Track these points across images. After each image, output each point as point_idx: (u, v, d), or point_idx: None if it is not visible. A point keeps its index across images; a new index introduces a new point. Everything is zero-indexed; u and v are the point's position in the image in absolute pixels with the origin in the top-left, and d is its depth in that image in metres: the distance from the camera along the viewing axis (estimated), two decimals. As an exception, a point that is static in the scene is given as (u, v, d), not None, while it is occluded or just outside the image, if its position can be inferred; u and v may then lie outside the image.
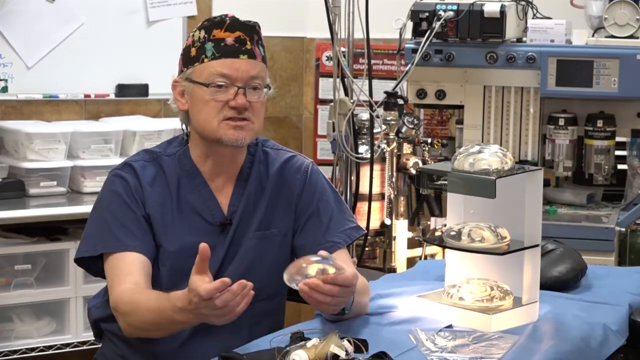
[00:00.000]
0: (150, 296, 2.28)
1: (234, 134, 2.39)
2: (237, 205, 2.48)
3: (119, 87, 4.44)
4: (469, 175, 2.30)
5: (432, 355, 2.11)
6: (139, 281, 2.35)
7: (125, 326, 2.34)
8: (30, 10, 4.20)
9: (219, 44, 2.39)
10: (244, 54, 2.40)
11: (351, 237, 2.54)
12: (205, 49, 2.39)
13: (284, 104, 5.06)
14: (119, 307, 2.32)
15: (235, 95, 2.38)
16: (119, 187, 2.43)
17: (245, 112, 2.39)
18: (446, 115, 4.27)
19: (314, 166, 2.59)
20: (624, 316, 2.48)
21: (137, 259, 2.37)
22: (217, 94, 2.38)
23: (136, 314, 2.28)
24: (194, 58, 2.41)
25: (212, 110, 2.39)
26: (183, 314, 2.15)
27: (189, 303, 2.10)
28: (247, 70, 2.39)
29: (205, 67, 2.39)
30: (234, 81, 2.38)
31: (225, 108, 2.38)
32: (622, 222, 3.67)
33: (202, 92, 2.39)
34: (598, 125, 3.79)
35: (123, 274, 2.35)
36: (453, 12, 3.76)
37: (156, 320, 2.24)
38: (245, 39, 2.40)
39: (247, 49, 2.40)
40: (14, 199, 3.85)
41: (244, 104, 2.38)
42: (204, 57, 2.39)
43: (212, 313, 2.08)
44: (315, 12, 4.18)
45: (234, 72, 2.38)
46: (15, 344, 3.76)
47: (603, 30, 3.79)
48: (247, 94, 2.39)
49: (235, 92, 2.38)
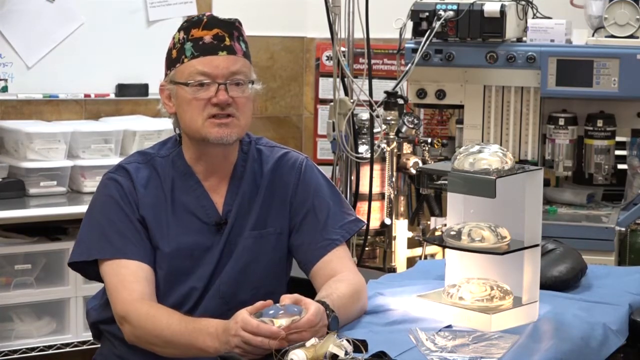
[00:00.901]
0: (173, 315, 2.28)
1: (219, 131, 2.38)
2: (231, 204, 2.47)
3: (119, 87, 4.44)
4: (469, 175, 2.30)
5: (432, 355, 2.11)
6: (147, 291, 2.35)
7: (131, 336, 2.33)
8: (30, 10, 4.20)
9: (197, 43, 2.38)
10: (223, 50, 2.39)
11: (350, 231, 2.53)
12: (185, 49, 2.39)
13: (284, 103, 5.06)
14: (131, 318, 2.31)
15: (217, 92, 2.37)
16: (113, 190, 2.43)
17: (228, 107, 2.38)
18: (446, 115, 4.27)
19: (308, 161, 2.57)
20: (624, 316, 2.48)
21: (139, 268, 2.37)
22: (198, 93, 2.37)
23: (153, 329, 2.27)
24: (175, 59, 2.41)
25: (195, 110, 2.38)
26: (212, 339, 2.17)
27: (224, 330, 2.13)
28: (227, 66, 2.38)
29: (185, 67, 2.39)
30: (214, 78, 2.37)
31: (208, 106, 2.37)
32: (622, 221, 3.67)
33: (184, 92, 2.39)
34: (598, 125, 3.80)
35: (128, 282, 2.35)
36: (453, 12, 3.76)
37: (174, 340, 2.24)
38: (223, 36, 2.39)
39: (226, 45, 2.39)
40: (14, 199, 3.85)
41: (226, 100, 2.37)
42: (183, 58, 2.39)
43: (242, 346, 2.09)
44: (315, 11, 4.18)
45: (214, 69, 2.37)
46: (15, 344, 3.76)
47: (603, 30, 3.79)
48: (229, 89, 2.37)
49: (216, 88, 2.37)
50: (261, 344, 2.07)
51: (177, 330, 2.24)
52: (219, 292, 2.44)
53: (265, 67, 4.88)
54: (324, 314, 2.16)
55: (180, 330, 2.23)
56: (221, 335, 2.15)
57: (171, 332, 2.25)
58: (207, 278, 2.44)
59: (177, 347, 2.25)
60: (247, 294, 2.46)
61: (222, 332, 2.15)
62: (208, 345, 2.18)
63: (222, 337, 2.15)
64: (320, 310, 2.15)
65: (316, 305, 2.15)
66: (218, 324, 2.18)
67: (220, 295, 2.44)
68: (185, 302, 2.42)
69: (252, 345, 2.08)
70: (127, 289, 2.34)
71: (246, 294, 2.46)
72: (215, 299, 2.44)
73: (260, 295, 2.46)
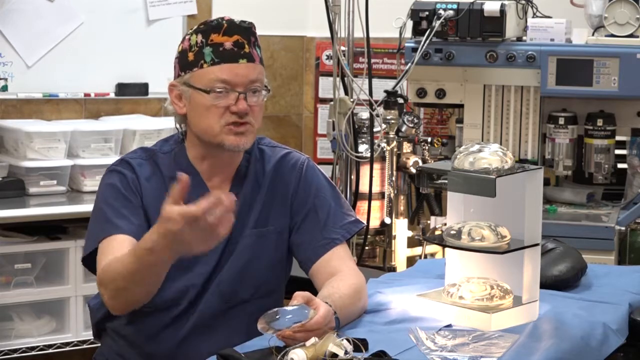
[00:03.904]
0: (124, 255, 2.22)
1: (236, 139, 2.39)
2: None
3: (119, 86, 4.44)
4: (469, 174, 2.30)
5: (432, 354, 2.11)
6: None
7: (108, 299, 2.28)
8: (30, 9, 4.20)
9: (217, 49, 2.38)
10: (243, 57, 2.39)
11: (350, 231, 2.53)
12: (204, 54, 2.38)
13: (284, 102, 5.06)
14: (102, 279, 2.27)
15: (237, 101, 2.37)
16: (116, 180, 2.43)
17: (246, 116, 2.39)
18: (446, 114, 4.28)
19: (309, 162, 2.57)
20: (624, 315, 2.48)
21: (126, 239, 2.33)
22: (218, 100, 2.37)
23: (112, 274, 2.23)
24: (192, 63, 2.40)
25: (213, 117, 2.38)
26: (156, 252, 2.10)
27: (163, 236, 2.06)
28: (247, 75, 2.39)
29: (204, 73, 2.38)
30: (234, 86, 2.38)
31: (227, 113, 2.38)
32: (622, 221, 3.67)
33: (202, 98, 2.38)
34: (598, 124, 3.80)
35: (110, 253, 2.30)
36: (453, 11, 3.76)
37: (131, 272, 2.18)
38: (243, 43, 2.39)
39: (246, 53, 2.39)
40: (14, 198, 3.84)
41: (245, 109, 2.38)
42: (202, 63, 2.38)
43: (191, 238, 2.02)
44: (315, 11, 4.19)
45: (234, 77, 2.37)
46: (15, 343, 3.76)
47: (603, 29, 3.79)
48: (247, 98, 2.39)
49: (236, 97, 2.37)
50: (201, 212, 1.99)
51: (128, 260, 2.18)
52: (219, 290, 2.44)
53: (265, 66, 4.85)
54: (332, 317, 2.16)
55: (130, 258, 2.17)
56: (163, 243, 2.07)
57: (125, 268, 2.18)
58: (207, 276, 2.44)
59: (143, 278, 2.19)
60: (247, 292, 2.46)
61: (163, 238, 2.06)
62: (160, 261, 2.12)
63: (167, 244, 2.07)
64: (329, 314, 2.14)
65: (326, 308, 2.14)
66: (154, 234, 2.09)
67: (221, 293, 2.44)
68: (183, 298, 2.42)
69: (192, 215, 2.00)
70: (107, 258, 2.30)
71: (246, 292, 2.46)
72: (216, 297, 2.44)
73: (260, 293, 2.47)
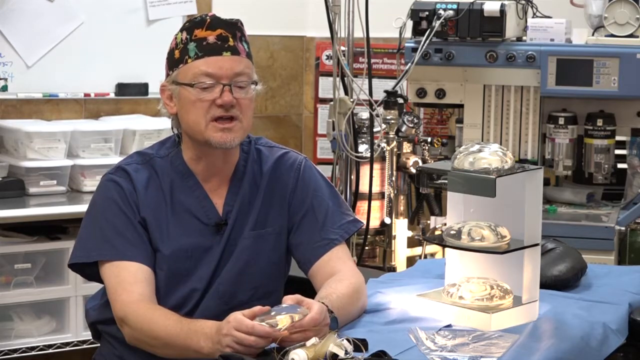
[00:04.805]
0: (170, 317, 2.28)
1: (222, 136, 2.37)
2: (232, 205, 2.47)
3: (119, 86, 4.44)
4: (469, 174, 2.30)
5: (431, 354, 2.11)
6: (146, 293, 2.35)
7: (131, 338, 2.33)
8: (30, 9, 4.20)
9: (201, 43, 2.37)
10: (227, 50, 2.38)
11: (348, 231, 2.53)
12: (188, 50, 2.38)
13: (284, 102, 5.06)
14: (129, 320, 2.31)
15: (222, 93, 2.36)
16: (114, 192, 2.42)
17: (232, 109, 2.37)
18: (446, 114, 4.28)
19: (307, 162, 2.57)
20: (623, 315, 2.48)
21: (139, 269, 2.37)
22: (203, 94, 2.36)
23: (150, 330, 2.27)
24: (178, 60, 2.40)
25: (199, 111, 2.37)
26: (205, 339, 2.16)
27: (217, 331, 2.12)
28: (232, 67, 2.37)
29: (189, 68, 2.38)
30: (218, 79, 2.37)
31: (213, 107, 2.37)
32: (622, 221, 3.67)
33: (188, 93, 2.38)
34: (598, 124, 3.80)
35: (127, 284, 2.34)
36: (453, 11, 3.76)
37: (171, 342, 2.24)
38: (227, 36, 2.38)
39: (230, 46, 2.38)
40: (13, 198, 3.84)
41: (230, 101, 2.36)
42: (187, 58, 2.38)
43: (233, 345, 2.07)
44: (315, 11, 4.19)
45: (218, 69, 2.36)
46: (15, 343, 3.76)
47: (603, 29, 3.79)
48: (233, 91, 2.37)
49: (221, 90, 2.36)
50: (255, 343, 2.06)
51: (174, 331, 2.24)
52: (218, 292, 2.44)
53: (265, 66, 4.88)
54: (327, 313, 2.16)
55: (177, 331, 2.23)
56: (214, 336, 2.15)
57: (168, 333, 2.24)
58: (208, 279, 2.44)
59: (174, 348, 2.25)
60: (246, 294, 2.46)
61: (215, 332, 2.15)
62: (202, 346, 2.18)
63: (215, 337, 2.14)
64: (323, 310, 2.14)
65: (319, 305, 2.15)
66: (213, 325, 2.18)
67: (219, 295, 2.44)
68: (186, 303, 2.43)
69: (245, 345, 2.06)
70: (126, 290, 2.34)
71: (245, 294, 2.46)
72: (215, 299, 2.44)
73: (259, 295, 2.47)
